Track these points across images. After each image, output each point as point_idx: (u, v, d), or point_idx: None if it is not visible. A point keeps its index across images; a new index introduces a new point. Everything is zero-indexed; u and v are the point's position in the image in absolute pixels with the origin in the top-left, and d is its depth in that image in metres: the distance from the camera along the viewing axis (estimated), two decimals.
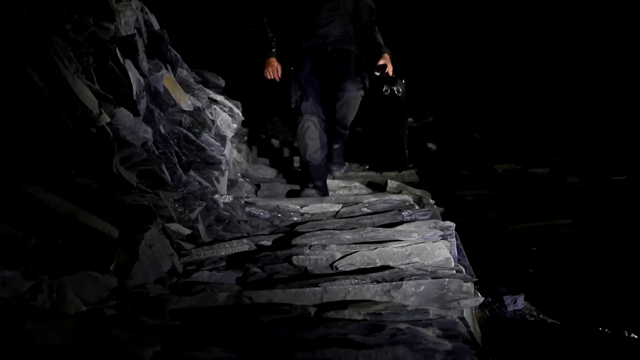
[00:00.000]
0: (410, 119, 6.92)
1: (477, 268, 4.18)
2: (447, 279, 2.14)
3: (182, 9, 6.87)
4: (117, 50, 2.26)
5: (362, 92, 3.80)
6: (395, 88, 3.60)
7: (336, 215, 3.62)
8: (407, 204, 3.62)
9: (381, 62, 3.71)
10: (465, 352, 1.83)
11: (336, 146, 4.16)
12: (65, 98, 1.85)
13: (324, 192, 3.85)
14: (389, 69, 3.69)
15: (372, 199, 3.77)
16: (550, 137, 7.22)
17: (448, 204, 5.09)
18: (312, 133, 3.82)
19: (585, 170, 6.56)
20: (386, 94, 3.61)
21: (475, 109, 8.02)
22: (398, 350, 1.53)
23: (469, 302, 2.11)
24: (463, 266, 3.58)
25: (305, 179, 3.95)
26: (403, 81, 3.66)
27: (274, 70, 3.95)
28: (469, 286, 2.19)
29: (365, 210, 3.59)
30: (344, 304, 1.99)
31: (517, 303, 3.42)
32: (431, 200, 3.91)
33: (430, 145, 6.77)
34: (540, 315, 3.46)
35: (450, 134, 7.33)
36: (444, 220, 3.67)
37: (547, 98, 8.08)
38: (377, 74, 3.67)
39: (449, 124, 7.56)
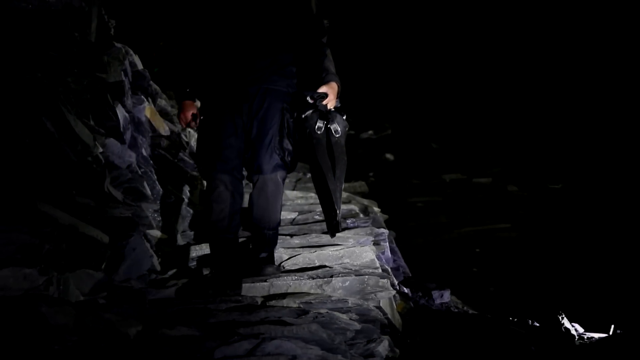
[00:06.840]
0: (370, 132, 7.38)
1: (420, 267, 4.81)
2: (367, 276, 2.70)
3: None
4: (108, 95, 2.84)
5: (282, 173, 2.75)
6: (332, 127, 2.61)
7: (293, 222, 4.17)
8: (352, 212, 4.17)
9: (322, 89, 2.64)
10: (372, 331, 2.42)
11: (263, 255, 2.89)
12: (69, 137, 2.42)
13: (226, 283, 2.70)
14: (329, 101, 2.65)
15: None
16: (493, 149, 7.85)
17: (400, 210, 5.71)
18: (221, 195, 2.74)
19: (525, 180, 7.20)
20: (319, 132, 2.62)
21: (431, 121, 8.64)
22: (312, 327, 2.13)
23: (383, 294, 2.70)
24: (399, 266, 4.19)
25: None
26: (344, 117, 2.67)
27: (186, 117, 2.80)
28: (385, 282, 2.77)
29: (317, 217, 4.13)
30: (284, 295, 2.57)
31: (444, 297, 3.94)
32: (376, 209, 4.45)
33: (388, 156, 7.38)
34: (464, 308, 4.05)
35: (407, 145, 7.96)
36: (393, 225, 4.21)
37: (490, 112, 8.70)
38: (311, 101, 2.62)
39: (407, 135, 8.18)
